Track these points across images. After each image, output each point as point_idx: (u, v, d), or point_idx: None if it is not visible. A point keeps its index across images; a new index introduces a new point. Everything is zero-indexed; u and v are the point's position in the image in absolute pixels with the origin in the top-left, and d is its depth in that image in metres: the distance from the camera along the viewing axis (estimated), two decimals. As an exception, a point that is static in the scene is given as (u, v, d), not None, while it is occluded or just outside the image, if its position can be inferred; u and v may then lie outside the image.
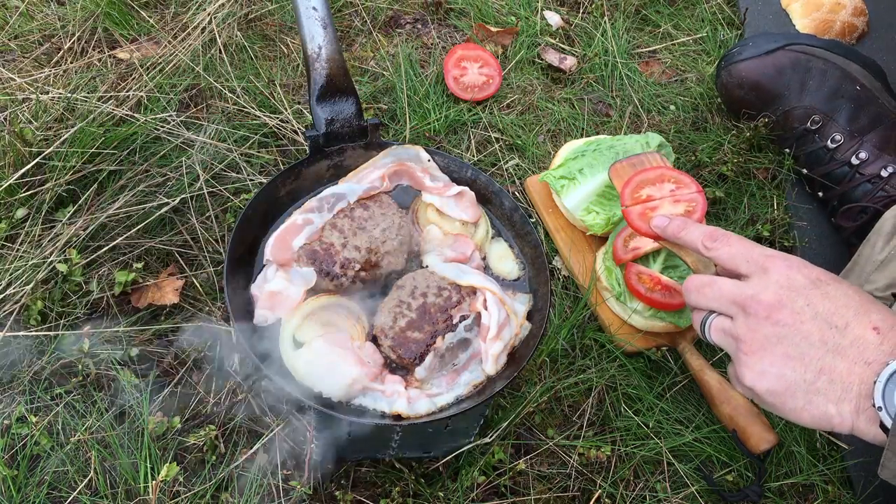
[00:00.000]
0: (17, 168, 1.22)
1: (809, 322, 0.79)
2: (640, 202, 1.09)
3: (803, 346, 0.78)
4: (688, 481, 1.18)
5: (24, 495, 1.03)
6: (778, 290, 0.81)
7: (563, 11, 1.77)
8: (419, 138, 1.48)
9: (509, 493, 1.14)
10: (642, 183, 1.11)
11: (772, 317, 0.80)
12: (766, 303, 0.80)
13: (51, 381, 1.13)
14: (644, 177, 1.11)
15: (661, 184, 1.11)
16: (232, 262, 1.05)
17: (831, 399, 0.77)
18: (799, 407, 0.79)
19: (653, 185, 1.10)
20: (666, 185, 1.11)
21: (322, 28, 1.12)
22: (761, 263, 0.84)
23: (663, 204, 1.07)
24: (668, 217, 0.99)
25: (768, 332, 0.80)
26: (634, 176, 1.11)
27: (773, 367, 0.80)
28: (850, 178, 1.41)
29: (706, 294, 0.87)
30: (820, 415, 0.78)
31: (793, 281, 0.81)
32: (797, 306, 0.80)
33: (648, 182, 1.10)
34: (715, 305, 0.86)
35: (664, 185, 1.11)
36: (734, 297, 0.84)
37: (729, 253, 0.87)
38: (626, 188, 1.11)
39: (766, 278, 0.82)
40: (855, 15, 1.70)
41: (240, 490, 1.08)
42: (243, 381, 1.17)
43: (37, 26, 1.55)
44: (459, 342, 1.04)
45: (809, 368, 0.78)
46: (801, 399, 0.79)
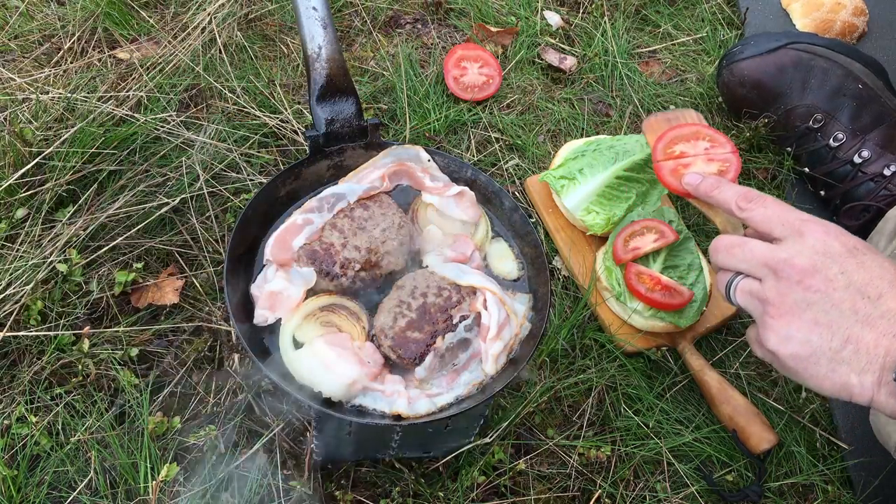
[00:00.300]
0: (17, 168, 1.22)
1: (842, 290, 0.77)
2: (672, 158, 1.05)
3: (833, 314, 0.77)
4: (688, 481, 1.18)
5: (24, 495, 1.03)
6: (813, 255, 0.79)
7: (563, 11, 1.77)
8: (419, 138, 1.48)
9: (509, 493, 1.14)
10: (676, 139, 1.07)
11: (804, 282, 0.78)
12: (800, 267, 0.79)
13: (51, 381, 1.13)
14: (678, 132, 1.07)
15: (695, 141, 1.08)
16: (232, 262, 1.05)
17: (854, 369, 0.76)
18: (821, 374, 0.78)
19: (687, 142, 1.06)
20: (700, 143, 1.07)
21: (322, 28, 1.12)
22: (797, 227, 0.82)
23: (696, 162, 1.04)
24: (701, 175, 0.97)
25: (798, 297, 0.79)
26: (668, 131, 1.08)
27: (799, 333, 0.79)
28: (853, 176, 1.41)
29: (735, 254, 0.85)
30: (841, 384, 0.77)
31: (829, 247, 0.79)
32: (831, 273, 0.78)
33: (682, 138, 1.07)
34: (744, 267, 0.84)
35: (698, 143, 1.07)
36: (766, 259, 0.81)
37: (764, 215, 0.85)
38: (658, 143, 1.07)
39: (801, 242, 0.80)
40: (855, 15, 1.70)
41: (240, 490, 1.08)
42: (243, 381, 1.17)
43: (37, 26, 1.55)
44: (459, 342, 1.04)
45: (836, 336, 0.77)
46: (825, 367, 0.77)
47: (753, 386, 1.30)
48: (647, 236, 1.26)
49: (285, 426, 1.15)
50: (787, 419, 1.26)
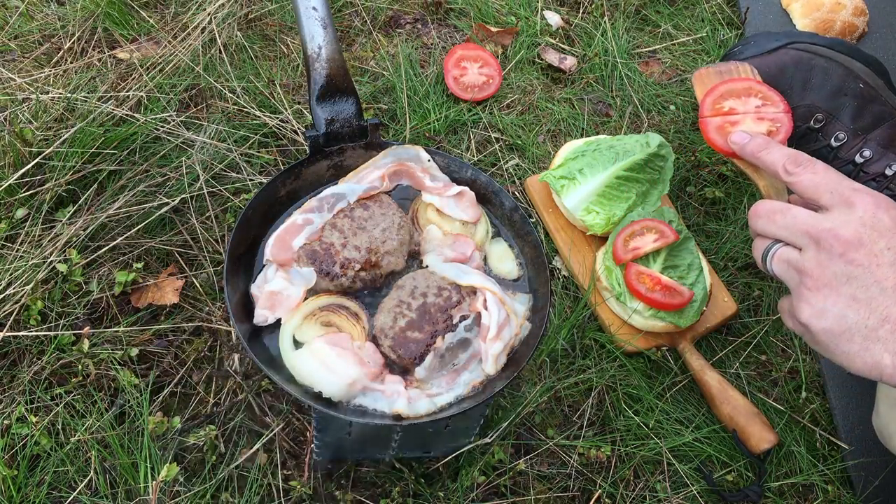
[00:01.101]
0: (17, 168, 1.22)
1: (886, 267, 0.74)
2: (720, 114, 1.00)
3: (874, 291, 0.74)
4: (688, 481, 1.18)
5: (24, 495, 1.03)
6: (860, 227, 0.75)
7: (563, 11, 1.77)
8: (419, 138, 1.48)
9: (509, 493, 1.14)
10: (727, 94, 1.02)
11: (847, 254, 0.75)
12: (845, 239, 0.75)
13: (51, 381, 1.13)
14: (730, 87, 1.02)
15: (747, 98, 1.02)
16: (232, 261, 1.05)
17: (889, 349, 0.73)
18: (853, 352, 0.75)
19: (738, 98, 1.01)
20: (752, 100, 1.02)
21: (322, 28, 1.12)
22: (847, 196, 0.78)
23: (745, 120, 0.99)
24: (749, 134, 0.92)
25: (839, 270, 0.75)
26: (719, 85, 1.03)
27: (835, 307, 0.75)
28: (854, 176, 1.41)
29: (776, 221, 0.81)
30: (873, 363, 0.74)
31: (878, 220, 0.76)
32: (877, 248, 0.75)
33: (734, 94, 1.02)
34: (784, 234, 0.81)
35: (750, 100, 1.02)
36: (808, 228, 0.78)
37: (812, 181, 0.81)
38: (707, 97, 1.02)
39: (849, 213, 0.77)
40: (855, 15, 1.70)
41: (240, 490, 1.08)
42: (243, 381, 1.17)
43: (37, 26, 1.55)
44: (459, 342, 1.04)
45: (874, 314, 0.74)
46: (858, 344, 0.74)
47: (753, 386, 1.30)
48: (647, 236, 1.26)
49: (285, 426, 1.15)
50: (787, 419, 1.26)
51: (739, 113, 1.00)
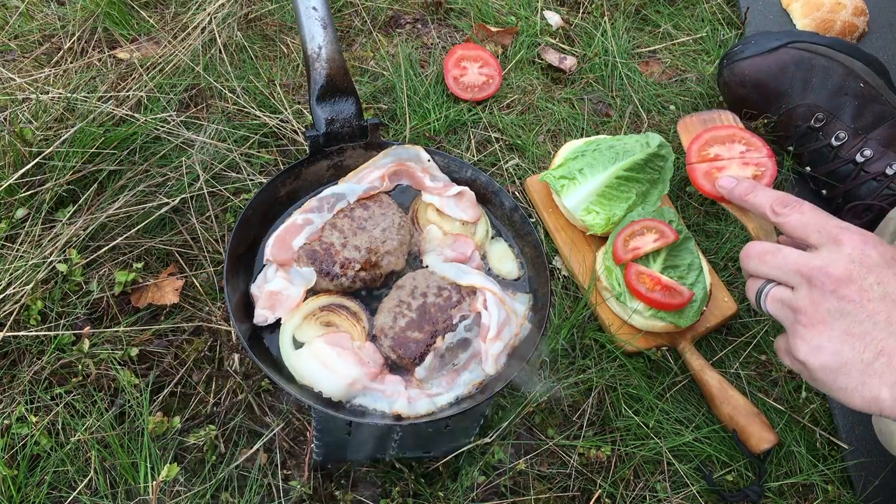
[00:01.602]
0: (17, 168, 1.22)
1: (878, 301, 0.76)
2: (706, 160, 1.04)
3: (867, 325, 0.75)
4: (688, 481, 1.18)
5: (24, 495, 1.03)
6: (849, 264, 0.77)
7: (563, 11, 1.77)
8: (419, 138, 1.48)
9: (509, 493, 1.14)
10: (711, 141, 1.06)
11: (838, 291, 0.76)
12: (835, 276, 0.77)
13: (51, 381, 1.13)
14: (714, 134, 1.06)
15: (731, 144, 1.06)
16: (232, 261, 1.05)
17: (886, 382, 0.74)
18: (851, 387, 0.76)
19: (722, 145, 1.05)
20: (736, 146, 1.06)
21: (322, 28, 1.12)
22: (834, 235, 0.80)
23: (731, 165, 1.03)
24: (736, 178, 0.95)
25: (832, 307, 0.77)
26: (704, 133, 1.07)
27: (830, 343, 0.77)
28: (855, 175, 1.41)
29: (768, 261, 0.83)
30: (871, 398, 0.75)
31: (866, 257, 0.77)
32: (867, 283, 0.76)
33: (718, 140, 1.06)
34: (776, 274, 0.83)
35: (734, 146, 1.06)
36: (799, 267, 0.80)
37: (800, 221, 0.83)
38: (693, 144, 1.06)
39: (837, 251, 0.78)
40: (855, 14, 1.70)
41: (240, 490, 1.08)
42: (243, 380, 1.17)
43: (37, 26, 1.55)
44: (459, 342, 1.04)
45: (869, 348, 0.75)
46: (855, 379, 0.75)
47: (753, 386, 1.30)
48: (647, 236, 1.26)
49: (285, 426, 1.15)
50: (787, 419, 1.26)
51: (725, 159, 1.03)
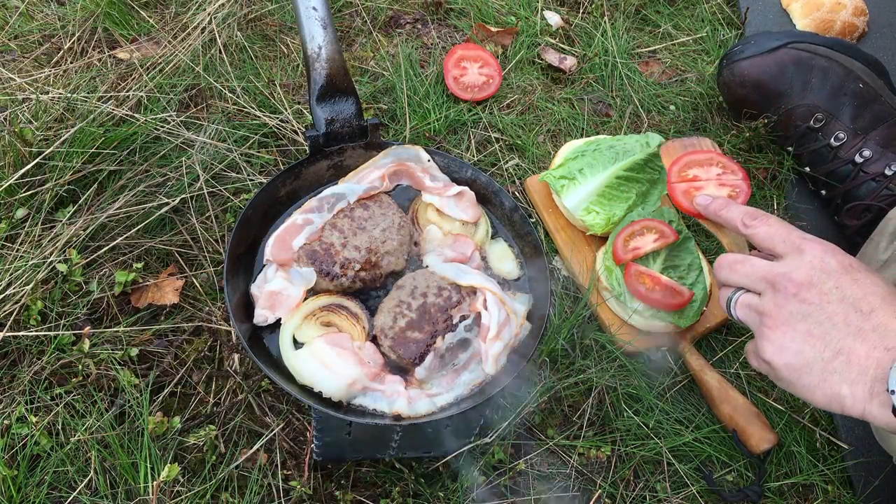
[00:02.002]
0: (17, 168, 1.22)
1: (836, 304, 0.81)
2: (685, 180, 1.13)
3: (826, 326, 0.80)
4: (688, 481, 1.18)
5: (24, 495, 1.03)
6: (810, 270, 0.83)
7: (563, 11, 1.77)
8: (419, 138, 1.48)
9: (509, 493, 1.14)
10: (691, 163, 1.15)
11: (800, 294, 0.82)
12: (797, 280, 0.83)
13: (51, 381, 1.13)
14: (693, 158, 1.15)
15: (708, 167, 1.16)
16: (232, 261, 1.05)
17: (846, 380, 0.78)
18: (813, 384, 0.80)
19: (700, 167, 1.14)
20: (713, 169, 1.16)
21: (322, 28, 1.12)
22: (797, 244, 0.86)
23: (708, 186, 1.12)
24: (711, 196, 1.03)
25: (794, 309, 0.82)
26: (684, 156, 1.15)
27: (793, 343, 0.82)
28: (854, 176, 1.41)
29: (738, 270, 0.89)
30: (832, 394, 0.79)
31: (826, 264, 0.83)
32: (826, 287, 0.82)
33: (697, 163, 1.14)
34: (745, 282, 0.89)
35: (711, 169, 1.16)
36: (765, 274, 0.86)
37: (767, 232, 0.90)
38: (674, 166, 1.14)
39: (800, 258, 0.84)
40: (855, 15, 1.70)
41: (240, 490, 1.08)
42: (243, 381, 1.17)
43: (37, 26, 1.55)
44: (459, 342, 1.04)
45: (829, 347, 0.80)
46: (817, 376, 0.80)
47: (753, 386, 1.30)
48: (647, 236, 1.26)
49: (285, 426, 1.15)
50: (787, 419, 1.26)
51: (703, 180, 1.13)
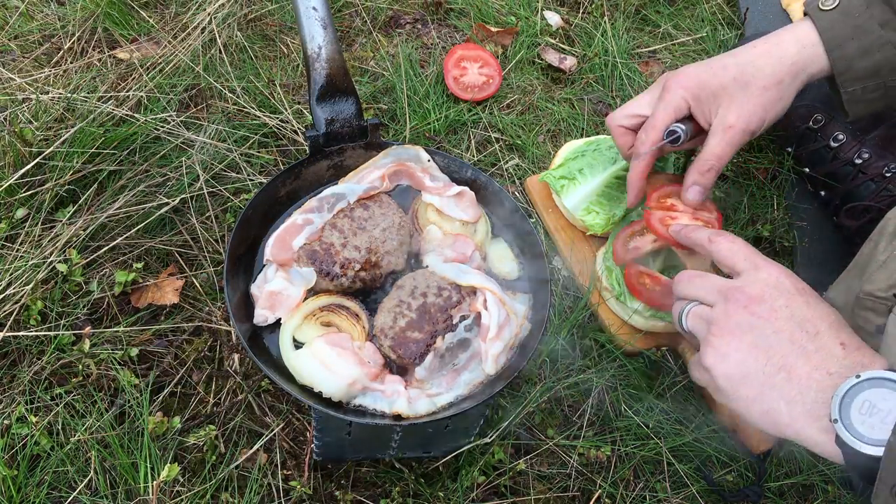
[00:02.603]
0: (17, 168, 1.22)
1: (784, 321, 0.82)
2: (663, 208, 1.18)
3: (772, 340, 0.81)
4: (688, 481, 1.18)
5: (24, 495, 1.03)
6: (763, 286, 0.85)
7: (563, 11, 1.77)
8: (419, 138, 1.48)
9: (509, 493, 1.14)
10: (672, 193, 1.19)
11: (750, 307, 0.83)
12: (749, 294, 0.84)
13: (51, 381, 1.13)
14: (673, 189, 1.20)
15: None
16: (232, 261, 1.05)
17: (784, 396, 0.79)
18: (751, 397, 0.81)
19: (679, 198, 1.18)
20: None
21: (322, 28, 1.12)
22: (757, 262, 0.88)
23: (683, 216, 1.16)
24: (685, 224, 1.09)
25: (741, 320, 0.83)
26: (667, 185, 1.20)
27: (736, 353, 0.82)
28: (854, 176, 1.41)
29: (695, 283, 0.92)
30: (769, 409, 0.80)
31: (780, 283, 0.85)
32: (777, 304, 0.83)
33: (676, 194, 1.19)
34: (700, 294, 0.91)
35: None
36: (720, 287, 0.88)
37: (731, 248, 0.92)
38: (655, 192, 1.19)
39: (755, 275, 0.86)
40: (855, 15, 1.69)
41: (240, 490, 1.08)
42: (243, 381, 1.17)
43: (37, 26, 1.55)
44: (459, 342, 1.04)
45: (771, 362, 0.80)
46: (755, 389, 0.81)
47: (753, 386, 1.30)
48: (647, 236, 1.26)
49: (285, 426, 1.15)
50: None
51: (679, 210, 1.17)
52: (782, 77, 1.05)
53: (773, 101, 1.06)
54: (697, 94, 1.08)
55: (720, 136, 1.07)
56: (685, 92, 1.09)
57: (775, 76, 1.05)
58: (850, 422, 0.73)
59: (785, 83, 1.05)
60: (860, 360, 0.79)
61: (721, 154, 1.08)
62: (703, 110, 1.09)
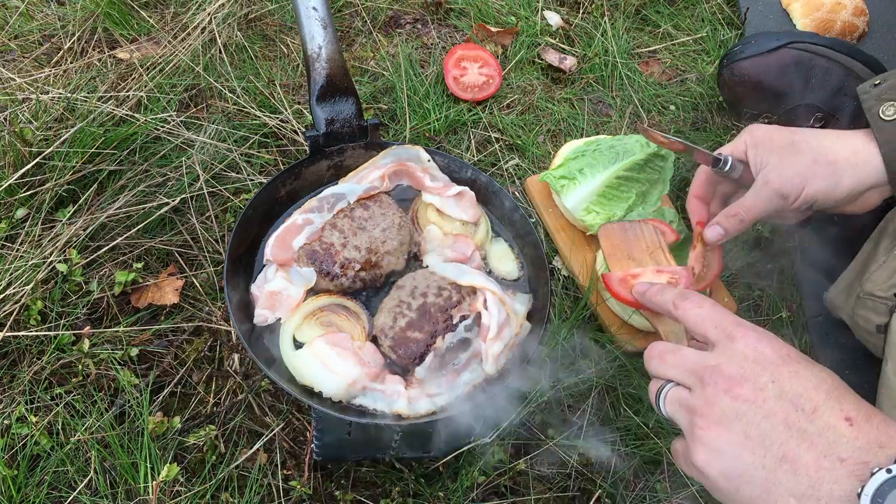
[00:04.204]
0: (17, 168, 1.22)
1: (773, 401, 0.71)
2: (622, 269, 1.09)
3: (764, 426, 0.70)
4: (688, 481, 1.18)
5: (24, 495, 1.03)
6: (742, 361, 0.74)
7: (563, 11, 1.77)
8: (419, 138, 1.48)
9: (509, 493, 1.14)
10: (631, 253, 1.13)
11: (732, 390, 0.72)
12: (727, 374, 0.73)
13: (51, 381, 1.13)
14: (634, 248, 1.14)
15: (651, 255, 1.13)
16: (232, 262, 1.05)
17: (793, 493, 0.67)
18: (755, 496, 0.70)
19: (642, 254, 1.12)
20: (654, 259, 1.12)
21: (322, 28, 1.12)
22: (729, 331, 0.77)
23: (646, 273, 1.08)
24: (649, 283, 0.96)
25: (726, 407, 0.72)
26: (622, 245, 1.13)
27: (729, 447, 0.71)
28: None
29: (667, 360, 0.81)
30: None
31: (760, 353, 0.74)
32: (760, 382, 0.72)
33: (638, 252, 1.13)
34: (674, 374, 0.79)
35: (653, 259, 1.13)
36: (694, 366, 0.77)
37: (698, 315, 0.81)
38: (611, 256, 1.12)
39: (731, 348, 0.76)
40: (855, 15, 1.70)
41: (240, 490, 1.08)
42: (243, 381, 1.17)
43: (37, 26, 1.55)
44: (459, 342, 1.04)
45: (770, 453, 0.69)
46: (759, 487, 0.69)
47: (754, 386, 1.30)
48: None
49: (285, 426, 1.15)
50: None
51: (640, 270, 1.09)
52: (837, 158, 1.04)
53: (817, 175, 1.05)
54: (758, 143, 1.10)
55: (757, 189, 1.08)
56: (750, 137, 1.11)
57: (830, 155, 1.04)
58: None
59: (838, 167, 1.04)
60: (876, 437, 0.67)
61: (750, 207, 1.08)
62: (756, 160, 1.10)
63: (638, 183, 1.32)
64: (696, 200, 1.22)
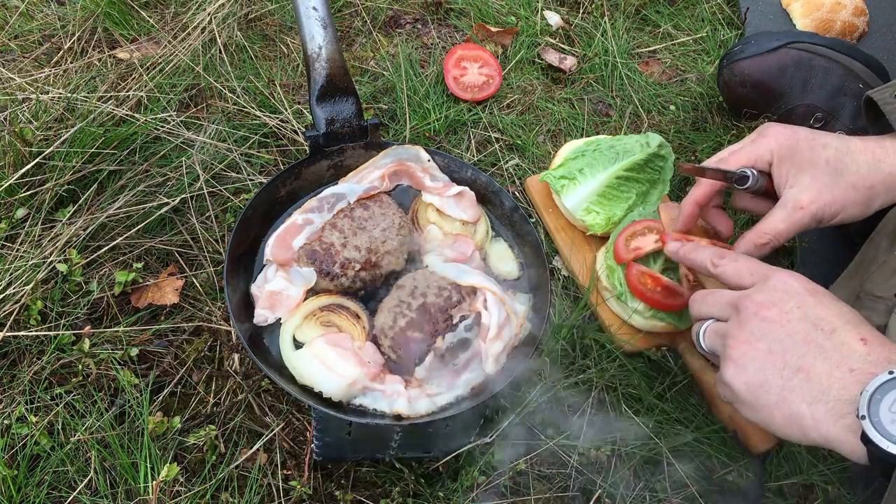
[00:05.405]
0: (17, 168, 1.22)
1: (796, 322, 0.80)
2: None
3: (786, 343, 0.80)
4: (688, 481, 1.18)
5: (24, 495, 1.03)
6: (772, 291, 0.84)
7: (563, 11, 1.77)
8: (419, 138, 1.48)
9: (509, 493, 1.14)
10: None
11: (760, 313, 0.82)
12: (758, 301, 0.83)
13: (51, 381, 1.13)
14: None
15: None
16: (232, 261, 1.05)
17: (805, 398, 0.77)
18: (772, 403, 0.79)
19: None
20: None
21: (322, 28, 1.12)
22: (764, 273, 0.87)
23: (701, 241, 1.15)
24: (680, 241, 1.07)
25: (754, 328, 0.82)
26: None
27: (754, 361, 0.81)
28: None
29: (708, 301, 0.91)
30: (791, 414, 0.78)
31: (789, 286, 0.84)
32: (787, 307, 0.82)
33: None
34: (714, 311, 0.90)
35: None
36: (731, 299, 0.87)
37: (735, 268, 0.90)
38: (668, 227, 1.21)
39: (765, 284, 0.85)
40: (855, 15, 1.70)
41: (240, 490, 1.08)
42: (243, 381, 1.17)
43: (37, 26, 1.55)
44: (459, 342, 1.04)
45: (788, 365, 0.79)
46: (776, 395, 0.79)
47: (753, 386, 1.30)
48: (648, 237, 1.26)
49: (285, 426, 1.15)
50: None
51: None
52: (874, 183, 0.99)
53: (855, 202, 1.00)
54: (785, 156, 1.02)
55: (788, 212, 1.00)
56: (777, 147, 1.02)
57: (868, 179, 0.99)
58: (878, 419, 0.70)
59: (875, 190, 1.00)
60: (887, 355, 0.75)
61: (782, 231, 1.01)
62: (782, 173, 1.02)
63: (638, 183, 1.32)
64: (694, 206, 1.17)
